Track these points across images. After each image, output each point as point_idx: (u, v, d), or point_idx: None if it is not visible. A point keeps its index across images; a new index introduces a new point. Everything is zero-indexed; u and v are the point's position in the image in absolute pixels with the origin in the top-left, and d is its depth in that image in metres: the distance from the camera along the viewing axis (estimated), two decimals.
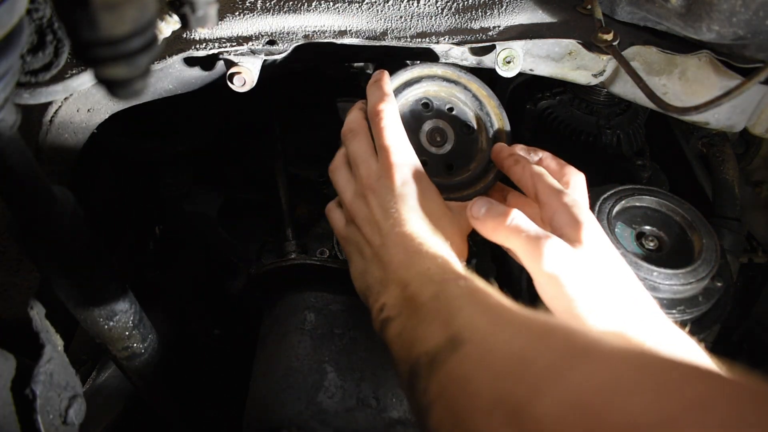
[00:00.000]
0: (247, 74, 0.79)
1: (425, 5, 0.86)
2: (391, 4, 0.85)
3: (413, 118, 0.82)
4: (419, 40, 0.84)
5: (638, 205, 0.90)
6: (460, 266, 0.62)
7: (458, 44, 0.84)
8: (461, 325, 0.51)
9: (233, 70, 0.79)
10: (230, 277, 1.10)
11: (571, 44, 0.86)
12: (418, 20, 0.86)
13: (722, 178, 1.08)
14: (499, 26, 0.86)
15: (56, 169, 0.80)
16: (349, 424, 0.77)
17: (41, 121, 0.76)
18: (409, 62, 0.90)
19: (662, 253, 0.86)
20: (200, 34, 0.79)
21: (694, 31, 0.75)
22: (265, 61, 0.80)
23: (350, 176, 0.75)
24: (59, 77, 0.70)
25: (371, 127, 0.75)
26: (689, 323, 0.82)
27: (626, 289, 0.62)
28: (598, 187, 1.00)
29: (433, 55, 0.87)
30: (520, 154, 0.77)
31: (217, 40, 0.80)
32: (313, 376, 0.81)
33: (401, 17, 0.86)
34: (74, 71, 0.70)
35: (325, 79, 1.25)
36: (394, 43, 0.83)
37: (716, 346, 0.89)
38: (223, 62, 0.80)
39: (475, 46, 0.84)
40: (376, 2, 0.85)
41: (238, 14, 0.81)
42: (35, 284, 0.71)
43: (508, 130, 0.83)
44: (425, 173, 0.73)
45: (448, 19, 0.86)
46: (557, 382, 0.40)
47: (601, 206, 0.86)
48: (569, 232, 0.62)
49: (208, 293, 1.20)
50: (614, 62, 0.87)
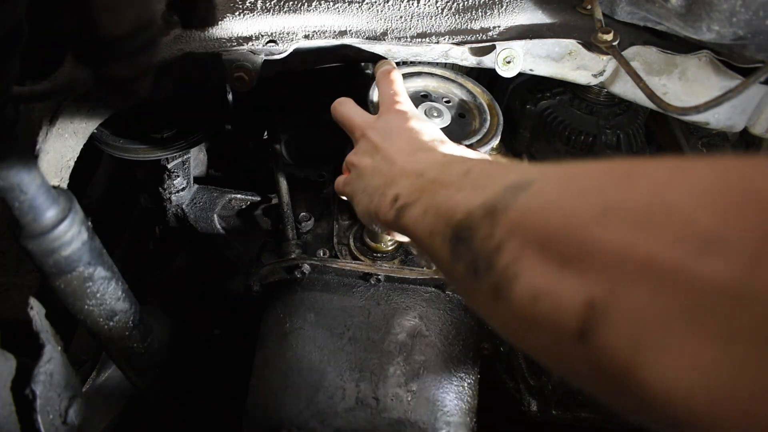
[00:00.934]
0: (247, 74, 0.79)
1: (425, 5, 0.86)
2: (391, 4, 0.85)
3: (412, 99, 0.85)
4: (419, 40, 0.84)
5: None
6: (474, 154, 0.60)
7: (458, 44, 0.84)
8: (518, 175, 0.43)
9: (233, 70, 0.79)
10: (230, 277, 1.10)
11: (571, 44, 0.86)
12: (418, 20, 0.86)
13: None
14: (499, 26, 0.86)
15: (56, 168, 0.80)
16: (349, 424, 0.77)
17: (41, 121, 0.76)
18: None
19: None
20: (200, 34, 0.79)
21: (694, 31, 0.75)
22: (265, 61, 0.80)
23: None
24: (59, 77, 0.70)
25: (379, 82, 0.79)
26: None
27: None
28: None
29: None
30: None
31: (217, 40, 0.80)
32: (312, 376, 0.81)
33: (401, 17, 0.86)
34: (74, 71, 0.70)
35: (325, 79, 1.25)
36: (394, 43, 0.83)
37: None
38: (223, 62, 0.80)
39: (475, 46, 0.85)
40: (376, 2, 0.85)
41: (238, 14, 0.81)
42: (35, 284, 0.72)
43: (499, 118, 0.85)
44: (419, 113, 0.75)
45: (448, 19, 0.86)
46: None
47: None
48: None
49: (208, 293, 1.20)
50: (614, 62, 0.87)
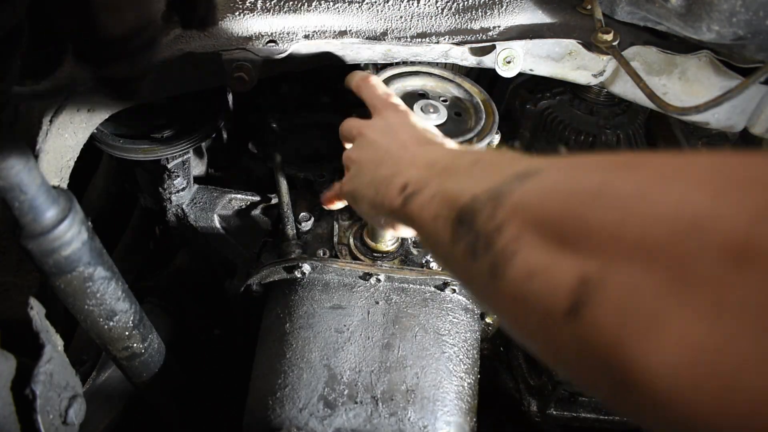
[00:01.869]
0: (247, 74, 0.79)
1: (425, 5, 0.86)
2: (391, 4, 0.85)
3: (409, 97, 0.85)
4: (419, 40, 0.84)
5: None
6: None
7: (458, 44, 0.84)
8: (525, 165, 0.44)
9: (233, 70, 0.79)
10: (230, 277, 1.10)
11: (571, 44, 0.86)
12: (418, 20, 0.86)
13: None
14: (499, 26, 0.87)
15: (56, 169, 0.80)
16: (349, 424, 0.77)
17: (41, 121, 0.76)
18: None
19: None
20: (200, 34, 0.79)
21: (694, 31, 0.75)
22: (265, 61, 0.80)
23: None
24: (59, 77, 0.70)
25: (359, 92, 0.78)
26: None
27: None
28: None
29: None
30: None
31: (217, 40, 0.80)
32: (312, 376, 0.81)
33: (401, 17, 0.86)
34: (74, 71, 0.70)
35: (325, 79, 1.25)
36: (394, 43, 0.83)
37: None
38: (223, 62, 0.80)
39: (475, 46, 0.85)
40: (376, 2, 0.85)
41: (238, 14, 0.81)
42: (35, 284, 0.71)
43: (495, 117, 0.85)
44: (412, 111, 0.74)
45: (448, 19, 0.86)
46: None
47: None
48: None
49: (208, 293, 1.20)
50: (614, 62, 0.87)
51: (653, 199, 0.32)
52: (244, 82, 0.79)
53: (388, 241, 0.93)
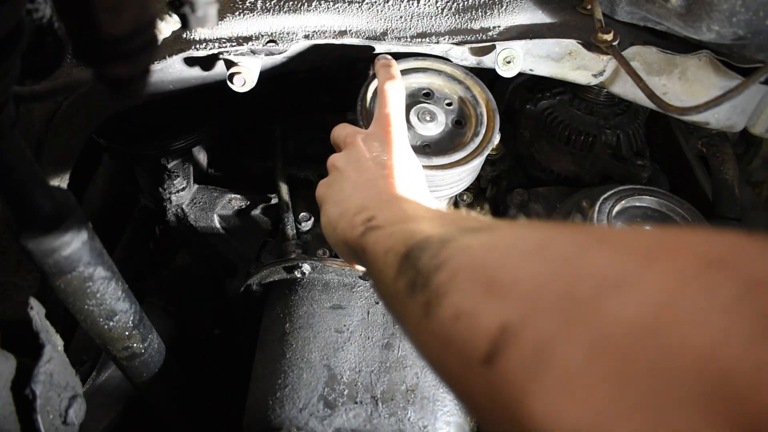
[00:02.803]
0: (247, 74, 0.79)
1: (425, 5, 0.86)
2: (391, 4, 0.85)
3: (413, 96, 0.85)
4: (419, 40, 0.84)
5: (638, 205, 0.90)
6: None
7: (458, 44, 0.84)
8: (476, 222, 0.47)
9: (233, 70, 0.79)
10: (230, 277, 1.10)
11: (571, 44, 0.86)
12: (418, 20, 0.86)
13: (722, 178, 1.08)
14: (499, 26, 0.86)
15: (56, 169, 0.80)
16: (349, 424, 0.77)
17: (41, 121, 0.76)
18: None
19: None
20: (200, 34, 0.79)
21: (694, 31, 0.75)
22: (265, 61, 0.80)
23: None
24: (59, 77, 0.70)
25: (379, 95, 0.77)
26: None
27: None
28: (597, 187, 1.00)
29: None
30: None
31: (217, 40, 0.80)
32: (312, 375, 0.81)
33: (401, 17, 0.86)
34: (74, 71, 0.70)
35: (325, 79, 1.25)
36: (394, 43, 0.83)
37: None
38: (223, 62, 0.80)
39: (475, 46, 0.85)
40: (376, 2, 0.85)
41: (238, 14, 0.81)
42: (35, 284, 0.71)
43: (495, 132, 0.84)
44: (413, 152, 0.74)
45: (448, 19, 0.86)
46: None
47: (601, 206, 0.86)
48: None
49: (208, 293, 1.20)
50: (614, 62, 0.87)
51: (588, 257, 0.33)
52: (244, 82, 0.79)
53: None
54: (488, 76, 0.91)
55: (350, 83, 1.21)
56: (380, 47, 0.84)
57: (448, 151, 0.81)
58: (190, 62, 0.81)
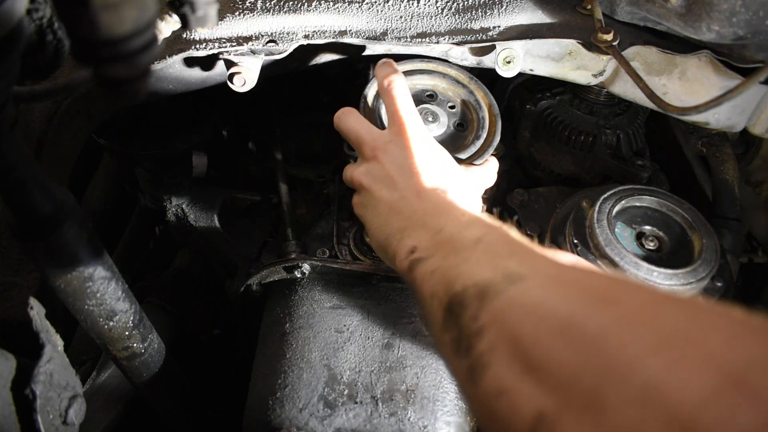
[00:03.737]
0: (247, 74, 0.79)
1: (425, 5, 0.86)
2: (391, 4, 0.85)
3: (417, 97, 0.84)
4: (419, 40, 0.84)
5: (638, 205, 0.90)
6: (488, 217, 0.62)
7: (458, 44, 0.84)
8: (517, 263, 0.48)
9: (233, 70, 0.79)
10: (230, 277, 1.10)
11: (571, 44, 0.86)
12: (418, 20, 0.86)
13: (722, 178, 1.08)
14: (499, 26, 0.86)
15: (56, 169, 0.80)
16: (349, 424, 0.77)
17: (41, 121, 0.76)
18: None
19: (662, 253, 0.86)
20: (200, 34, 0.79)
21: (694, 31, 0.75)
22: (265, 61, 0.80)
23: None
24: (59, 77, 0.70)
25: (382, 96, 0.77)
26: None
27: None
28: (597, 187, 1.00)
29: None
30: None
31: (217, 40, 0.80)
32: (312, 375, 0.81)
33: (401, 17, 0.86)
34: (74, 71, 0.70)
35: (325, 79, 1.25)
36: (394, 43, 0.83)
37: None
38: (223, 62, 0.80)
39: (475, 46, 0.84)
40: (376, 2, 0.85)
41: (238, 14, 0.81)
42: (35, 284, 0.71)
43: (496, 137, 0.84)
44: (434, 139, 0.74)
45: (448, 19, 0.86)
46: (646, 322, 0.36)
47: (601, 206, 0.86)
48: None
49: (208, 293, 1.20)
50: (614, 62, 0.87)
51: (610, 349, 0.34)
52: (244, 82, 0.79)
53: None
54: (488, 76, 0.91)
55: (350, 83, 1.21)
56: (380, 47, 0.84)
57: (450, 152, 0.81)
58: (190, 62, 0.81)
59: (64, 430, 0.62)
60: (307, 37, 0.82)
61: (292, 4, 0.83)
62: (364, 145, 0.74)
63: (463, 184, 0.72)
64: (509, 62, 0.85)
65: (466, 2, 0.87)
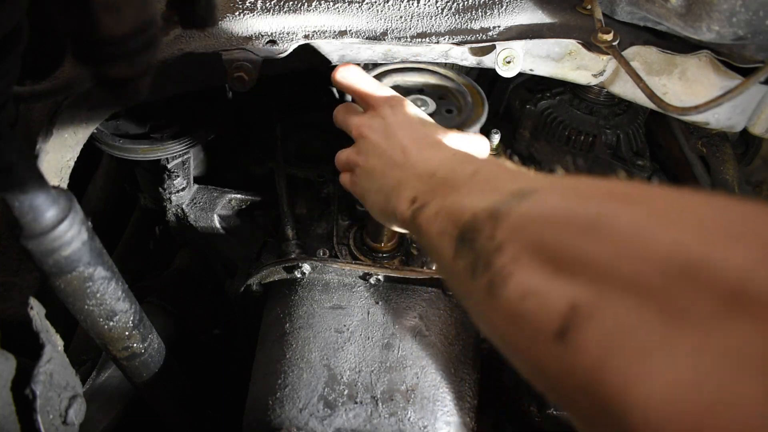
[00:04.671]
0: (247, 74, 0.79)
1: (425, 5, 0.86)
2: (391, 4, 0.85)
3: (404, 90, 0.85)
4: (419, 40, 0.84)
5: None
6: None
7: (458, 44, 0.84)
8: (523, 183, 0.46)
9: (233, 70, 0.79)
10: (230, 277, 1.10)
11: (571, 44, 0.86)
12: (418, 20, 0.86)
13: (722, 178, 1.08)
14: (499, 26, 0.86)
15: (56, 169, 0.80)
16: (349, 424, 0.77)
17: (41, 121, 0.76)
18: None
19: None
20: (200, 34, 0.79)
21: (694, 31, 0.75)
22: (265, 61, 0.80)
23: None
24: (59, 77, 0.70)
25: (349, 84, 0.77)
26: None
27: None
28: None
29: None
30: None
31: (217, 40, 0.80)
32: (312, 375, 0.81)
33: (401, 17, 0.86)
34: (74, 71, 0.70)
35: (325, 79, 1.25)
36: (394, 43, 0.83)
37: None
38: (223, 62, 0.80)
39: (475, 46, 0.84)
40: (376, 2, 0.85)
41: (238, 14, 0.81)
42: (35, 284, 0.71)
43: (484, 114, 0.84)
44: (407, 100, 0.74)
45: (448, 19, 0.86)
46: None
47: None
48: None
49: (208, 293, 1.20)
50: (614, 62, 0.87)
51: (647, 238, 0.34)
52: (243, 82, 0.79)
53: (388, 241, 0.93)
54: (488, 76, 0.91)
55: None
56: (380, 47, 0.84)
57: (445, 123, 0.82)
58: (190, 62, 0.80)
59: (64, 430, 0.62)
60: (307, 37, 0.82)
61: (292, 4, 0.83)
62: (350, 126, 0.74)
63: (455, 138, 0.71)
64: (509, 62, 0.85)
65: (466, 2, 0.87)
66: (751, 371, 0.26)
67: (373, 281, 0.89)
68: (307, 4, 0.83)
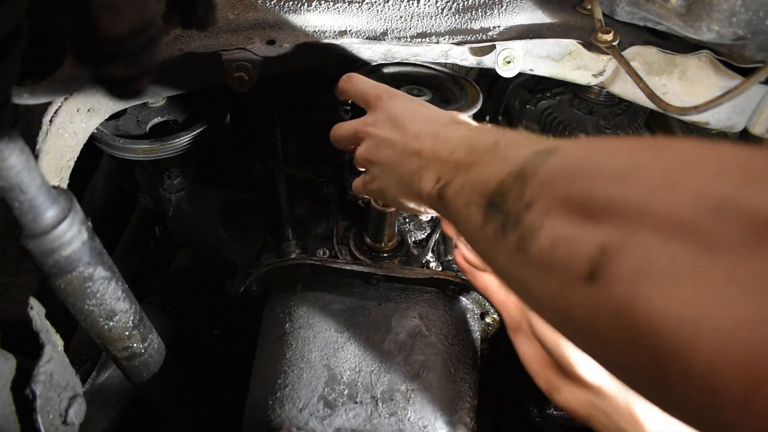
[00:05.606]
0: (247, 74, 0.79)
1: (425, 5, 0.86)
2: (391, 4, 0.85)
3: (395, 80, 0.85)
4: (419, 40, 0.84)
5: None
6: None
7: (458, 44, 0.84)
8: (545, 143, 0.47)
9: (233, 70, 0.79)
10: (230, 277, 1.10)
11: (571, 44, 0.86)
12: (418, 20, 0.86)
13: None
14: (499, 26, 0.87)
15: (56, 169, 0.80)
16: (349, 424, 0.77)
17: (41, 121, 0.76)
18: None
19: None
20: (200, 34, 0.79)
21: (694, 31, 0.75)
22: (265, 61, 0.80)
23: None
24: (59, 77, 0.70)
25: (347, 90, 0.77)
26: None
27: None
28: None
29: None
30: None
31: (217, 40, 0.80)
32: (312, 375, 0.81)
33: (401, 17, 0.86)
34: (74, 71, 0.70)
35: (325, 79, 1.25)
36: (394, 43, 0.83)
37: None
38: (223, 62, 0.80)
39: (475, 46, 0.85)
40: (376, 2, 0.85)
41: (238, 14, 0.81)
42: (35, 284, 0.71)
43: (479, 102, 0.85)
44: (402, 91, 0.74)
45: (448, 19, 0.86)
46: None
47: None
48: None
49: (208, 293, 1.20)
50: (614, 62, 0.87)
51: (677, 181, 0.34)
52: (243, 81, 0.79)
53: (388, 241, 0.93)
54: (488, 76, 0.91)
55: None
56: (380, 47, 0.84)
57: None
58: (190, 62, 0.80)
59: (64, 430, 0.62)
60: (307, 37, 0.82)
61: (292, 4, 0.83)
62: (355, 132, 0.74)
63: (462, 117, 0.71)
64: (509, 62, 0.85)
65: (466, 2, 0.87)
66: None
67: (373, 281, 0.89)
68: (307, 4, 0.83)
